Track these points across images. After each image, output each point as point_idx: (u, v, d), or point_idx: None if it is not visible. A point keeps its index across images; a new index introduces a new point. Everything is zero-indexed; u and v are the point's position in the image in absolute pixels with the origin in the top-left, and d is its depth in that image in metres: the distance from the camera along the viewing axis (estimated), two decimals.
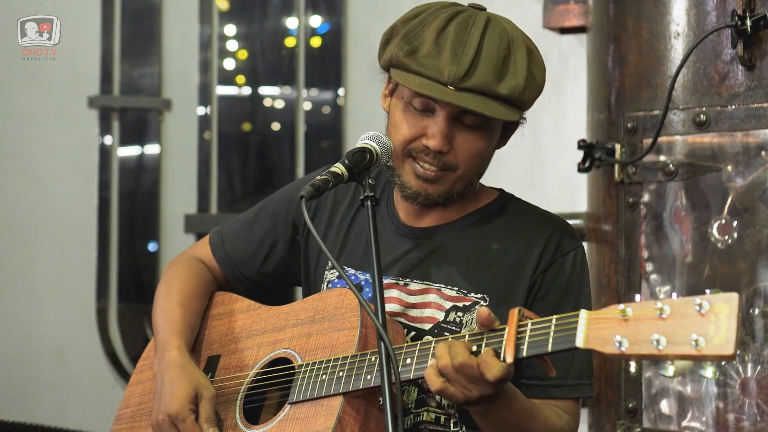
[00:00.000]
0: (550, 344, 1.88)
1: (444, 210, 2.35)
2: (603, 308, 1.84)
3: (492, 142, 2.27)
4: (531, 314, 1.95)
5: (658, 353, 1.74)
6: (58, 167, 4.97)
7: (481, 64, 2.17)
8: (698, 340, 1.70)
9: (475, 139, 2.23)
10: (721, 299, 1.71)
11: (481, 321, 1.98)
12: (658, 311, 1.76)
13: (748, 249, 3.01)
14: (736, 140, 3.04)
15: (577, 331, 1.84)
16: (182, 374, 2.30)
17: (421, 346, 2.07)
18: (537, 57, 2.26)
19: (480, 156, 2.25)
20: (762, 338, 2.97)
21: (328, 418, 2.10)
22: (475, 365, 1.93)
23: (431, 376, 1.97)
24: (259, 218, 2.53)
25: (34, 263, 4.95)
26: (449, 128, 2.20)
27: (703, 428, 3.04)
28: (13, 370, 4.89)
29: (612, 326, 1.80)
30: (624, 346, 1.77)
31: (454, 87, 2.16)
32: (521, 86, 2.19)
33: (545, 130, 4.24)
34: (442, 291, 2.28)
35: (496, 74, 2.18)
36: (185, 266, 2.57)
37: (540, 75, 2.26)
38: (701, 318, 1.72)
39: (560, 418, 2.22)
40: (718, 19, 3.04)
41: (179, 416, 2.25)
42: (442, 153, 2.21)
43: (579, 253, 2.32)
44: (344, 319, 2.21)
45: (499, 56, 2.18)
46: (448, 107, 2.19)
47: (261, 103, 5.16)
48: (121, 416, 2.53)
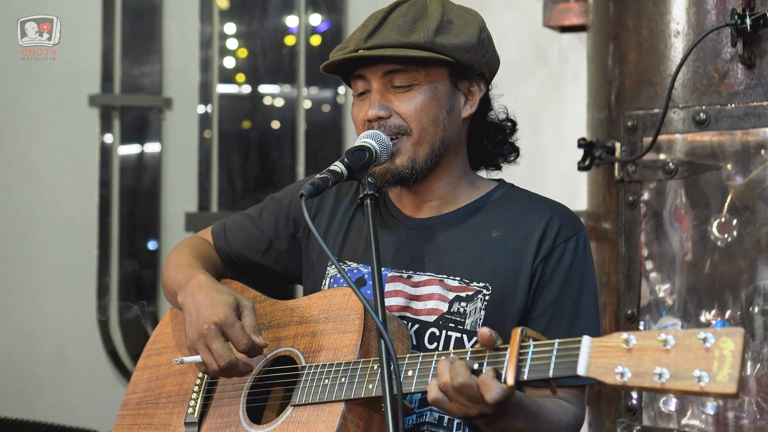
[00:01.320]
0: (552, 370, 1.87)
1: (443, 201, 2.36)
2: (606, 335, 1.81)
3: (434, 98, 2.28)
4: (534, 334, 1.94)
5: (660, 387, 1.71)
6: (59, 165, 4.98)
7: (386, 26, 2.27)
8: (701, 376, 1.68)
9: (412, 96, 2.26)
10: (726, 333, 1.68)
11: (483, 341, 1.96)
12: (661, 342, 1.73)
13: (747, 247, 3.01)
14: (736, 139, 3.04)
15: (579, 358, 1.82)
16: (218, 288, 2.28)
17: (423, 359, 2.07)
18: (454, 7, 2.32)
19: (424, 112, 2.26)
20: (761, 336, 2.97)
21: (330, 424, 2.10)
22: (475, 386, 1.91)
23: (431, 390, 1.97)
24: (263, 214, 2.55)
25: (34, 261, 4.95)
26: (381, 94, 2.27)
27: (702, 426, 3.04)
28: (13, 368, 4.89)
29: (614, 355, 1.78)
30: (626, 377, 1.75)
31: (360, 50, 2.25)
32: (432, 29, 2.24)
33: (545, 128, 4.24)
34: (444, 282, 2.28)
35: (405, 30, 2.25)
36: (192, 240, 2.61)
37: (461, 21, 2.30)
38: (705, 353, 1.69)
39: (566, 412, 2.22)
40: (718, 18, 3.04)
41: (227, 322, 2.19)
42: (381, 118, 2.26)
43: (581, 238, 2.31)
44: (348, 321, 2.21)
45: (407, 17, 2.27)
46: (374, 77, 2.27)
47: (261, 102, 5.17)
48: (128, 402, 2.52)
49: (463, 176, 2.38)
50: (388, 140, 2.24)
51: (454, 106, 2.31)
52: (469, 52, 2.28)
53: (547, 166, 4.25)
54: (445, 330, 2.25)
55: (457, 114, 2.32)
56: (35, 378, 4.91)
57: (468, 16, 2.33)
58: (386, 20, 2.28)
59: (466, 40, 2.28)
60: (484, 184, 2.41)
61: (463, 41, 2.27)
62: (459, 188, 2.36)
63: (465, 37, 2.28)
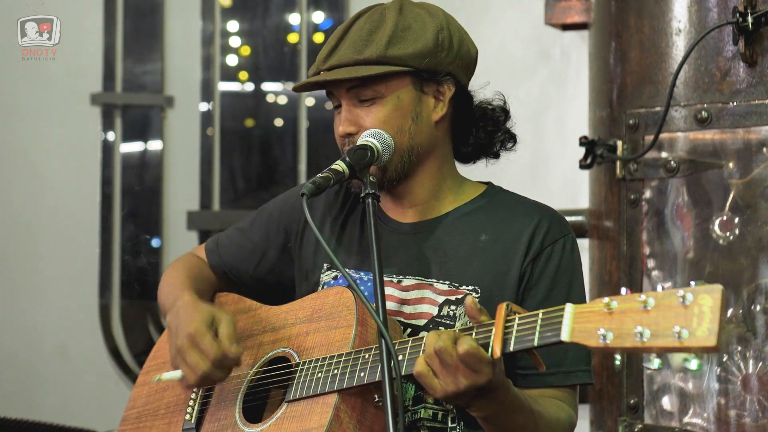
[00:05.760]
0: (536, 338, 1.89)
1: (428, 205, 2.36)
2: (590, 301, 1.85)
3: (397, 109, 2.28)
4: (519, 309, 1.97)
5: (642, 346, 1.74)
6: (60, 164, 4.98)
7: (344, 43, 2.28)
8: (681, 332, 1.70)
9: (376, 110, 2.27)
10: (705, 291, 1.71)
11: (468, 311, 2.00)
12: (642, 304, 1.76)
13: (749, 245, 3.01)
14: (738, 137, 3.04)
15: (563, 324, 1.85)
16: (197, 305, 2.31)
17: (413, 342, 2.07)
18: (413, 11, 2.31)
19: (387, 124, 2.26)
20: (763, 334, 2.97)
21: (323, 415, 2.11)
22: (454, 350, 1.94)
23: (417, 364, 1.98)
24: (253, 226, 2.56)
25: (37, 260, 4.95)
26: (350, 111, 2.28)
27: (704, 425, 3.04)
28: (15, 367, 4.90)
29: (597, 319, 1.81)
30: (608, 339, 1.78)
31: (322, 71, 2.28)
32: (383, 42, 2.24)
33: (547, 126, 4.24)
34: (434, 286, 2.28)
35: (359, 46, 2.26)
36: (187, 258, 2.63)
37: (419, 25, 2.28)
38: (684, 310, 1.72)
39: (562, 410, 2.23)
40: (719, 16, 3.04)
41: (198, 333, 2.22)
42: (350, 134, 2.28)
43: (569, 241, 2.30)
44: (341, 317, 2.21)
45: (363, 31, 2.27)
46: (340, 94, 2.29)
47: (264, 100, 5.16)
48: (127, 417, 2.54)
49: (446, 179, 2.37)
50: (390, 139, 2.24)
51: (420, 113, 2.30)
52: (427, 56, 2.27)
53: (548, 165, 4.25)
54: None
55: (425, 119, 2.30)
56: (37, 376, 4.92)
57: (426, 18, 2.30)
58: (345, 36, 2.29)
59: (421, 45, 2.26)
60: (472, 187, 2.40)
61: (419, 48, 2.26)
62: (444, 191, 2.36)
63: (420, 42, 2.26)
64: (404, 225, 2.37)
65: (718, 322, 1.69)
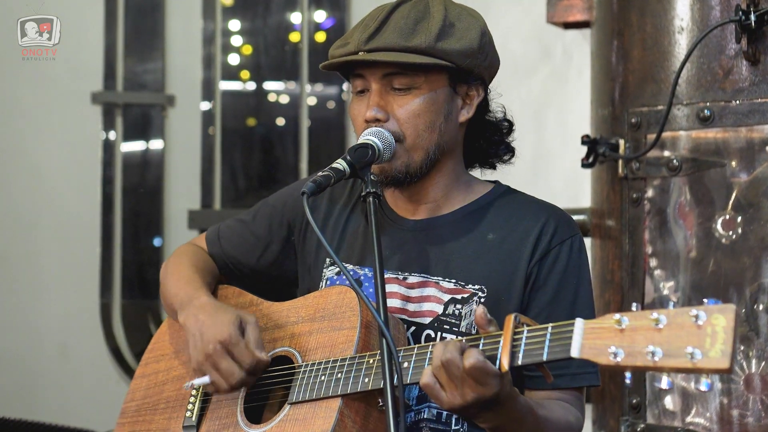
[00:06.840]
0: (546, 353, 1.87)
1: (438, 203, 2.35)
2: (600, 317, 1.82)
3: (433, 104, 2.26)
4: (528, 320, 1.94)
5: (653, 365, 1.72)
6: (61, 163, 4.98)
7: (388, 27, 2.23)
8: (694, 353, 1.68)
9: (410, 100, 2.23)
10: (718, 310, 1.69)
11: (477, 320, 1.98)
12: (653, 322, 1.74)
13: (752, 244, 3.00)
14: (740, 135, 3.03)
15: (573, 340, 1.83)
16: (220, 306, 2.29)
17: (419, 350, 2.06)
18: (457, 8, 2.29)
19: (420, 117, 2.24)
20: (766, 334, 2.97)
21: (327, 419, 2.10)
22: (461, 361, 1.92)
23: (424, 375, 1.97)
24: (256, 218, 2.54)
25: (37, 259, 4.95)
26: (380, 96, 2.24)
27: (707, 424, 3.03)
28: (16, 366, 4.90)
29: (608, 336, 1.78)
30: (619, 357, 1.76)
31: (361, 52, 2.22)
32: (433, 33, 2.21)
33: (549, 125, 4.23)
34: (440, 284, 2.28)
35: (406, 34, 2.22)
36: (190, 249, 2.60)
37: (463, 24, 2.26)
38: (697, 330, 1.69)
39: (569, 412, 2.22)
40: (722, 14, 3.04)
41: (232, 340, 2.21)
42: (378, 121, 2.24)
43: (576, 241, 2.29)
44: (344, 318, 2.20)
45: (409, 18, 2.23)
46: (373, 78, 2.24)
47: (265, 99, 5.16)
48: (126, 410, 2.52)
49: (458, 178, 2.36)
50: (391, 138, 2.23)
51: (451, 111, 2.29)
52: (470, 57, 2.26)
53: (550, 163, 4.25)
54: (441, 332, 2.24)
55: (454, 118, 2.30)
56: (38, 375, 4.92)
57: (470, 19, 2.29)
58: (388, 21, 2.24)
59: (467, 44, 2.25)
60: (480, 186, 2.39)
61: (465, 46, 2.25)
62: (454, 190, 2.35)
63: (466, 41, 2.25)
64: (411, 222, 2.36)
65: (732, 343, 1.66)
